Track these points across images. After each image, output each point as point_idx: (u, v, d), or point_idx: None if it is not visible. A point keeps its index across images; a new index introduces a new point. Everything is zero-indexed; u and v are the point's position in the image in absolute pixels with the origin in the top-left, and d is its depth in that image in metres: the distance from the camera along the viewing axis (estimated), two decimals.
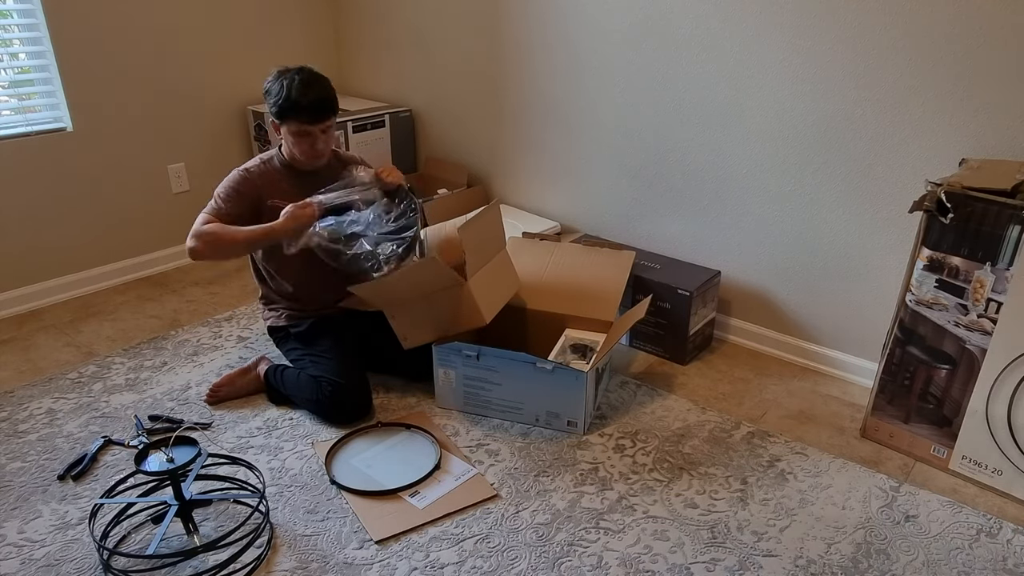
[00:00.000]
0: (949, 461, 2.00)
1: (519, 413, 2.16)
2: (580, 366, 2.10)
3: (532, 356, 2.09)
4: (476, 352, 2.13)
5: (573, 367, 2.04)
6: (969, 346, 1.88)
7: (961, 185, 1.78)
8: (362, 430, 2.12)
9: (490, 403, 2.19)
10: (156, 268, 3.19)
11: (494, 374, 2.14)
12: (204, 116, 3.22)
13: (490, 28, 2.97)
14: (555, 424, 2.13)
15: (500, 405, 2.17)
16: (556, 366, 2.06)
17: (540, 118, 2.95)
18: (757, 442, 2.12)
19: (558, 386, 2.08)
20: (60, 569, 1.65)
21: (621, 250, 2.53)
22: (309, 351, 2.20)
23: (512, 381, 2.12)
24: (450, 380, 2.21)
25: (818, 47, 2.19)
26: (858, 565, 1.69)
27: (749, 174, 2.46)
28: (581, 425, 2.11)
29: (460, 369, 2.18)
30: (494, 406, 2.18)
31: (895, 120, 2.12)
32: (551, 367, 2.06)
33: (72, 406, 2.23)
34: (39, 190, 2.78)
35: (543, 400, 2.11)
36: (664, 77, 2.54)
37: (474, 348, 2.13)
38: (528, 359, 2.08)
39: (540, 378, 2.08)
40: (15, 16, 2.66)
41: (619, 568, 1.67)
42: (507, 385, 2.14)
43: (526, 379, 2.10)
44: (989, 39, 1.91)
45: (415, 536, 1.76)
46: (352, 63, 3.57)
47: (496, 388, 2.15)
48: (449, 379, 2.21)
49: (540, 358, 2.08)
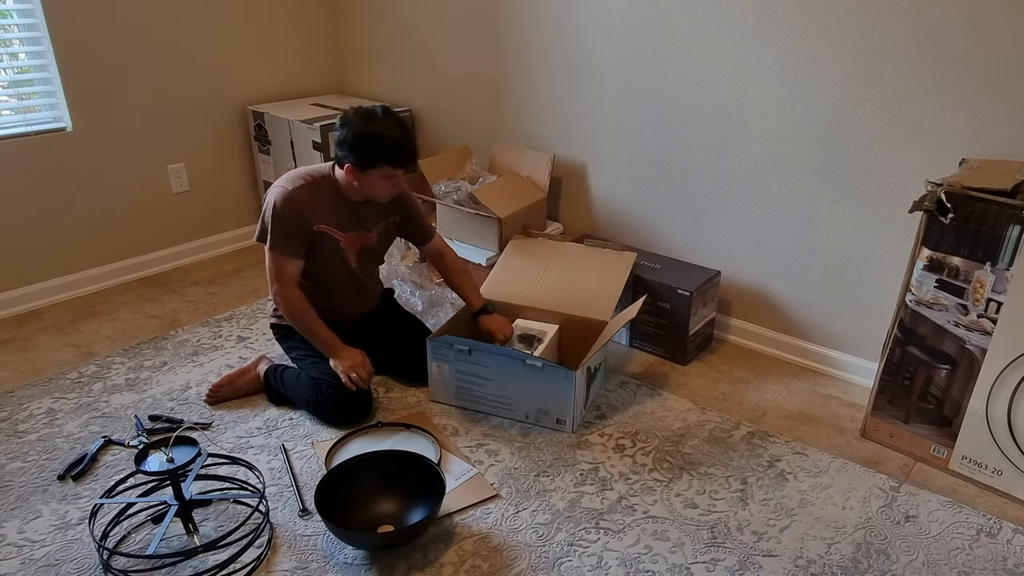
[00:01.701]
0: (949, 461, 2.00)
1: (509, 409, 2.17)
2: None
3: (522, 353, 2.10)
4: (468, 347, 2.14)
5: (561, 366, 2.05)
6: (969, 346, 1.88)
7: (961, 185, 1.78)
8: (362, 430, 2.12)
9: (482, 398, 2.20)
10: (156, 268, 3.19)
11: (485, 369, 2.15)
12: (204, 116, 3.22)
13: (490, 28, 2.97)
14: (544, 421, 2.14)
15: (491, 400, 2.18)
16: (545, 363, 2.06)
17: (540, 118, 2.95)
18: (757, 442, 2.12)
19: (547, 384, 2.09)
20: (60, 569, 1.65)
21: (623, 251, 2.53)
22: (311, 351, 2.20)
23: (502, 377, 2.13)
24: (443, 374, 2.22)
25: (818, 47, 2.19)
26: (858, 565, 1.69)
27: (749, 174, 2.46)
28: (570, 423, 2.12)
29: (453, 363, 2.19)
30: (486, 401, 2.19)
31: (895, 120, 2.12)
32: (540, 364, 2.07)
33: (72, 406, 2.23)
34: (39, 190, 2.78)
35: (533, 397, 2.12)
36: (664, 77, 2.54)
37: (466, 343, 2.14)
38: (518, 355, 2.09)
39: (529, 375, 2.09)
40: (15, 16, 2.65)
41: (619, 568, 1.67)
42: (497, 381, 2.14)
43: (516, 375, 2.11)
44: (989, 39, 1.91)
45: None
46: (352, 63, 3.57)
47: (487, 383, 2.16)
48: (443, 373, 2.22)
49: (529, 355, 2.09)
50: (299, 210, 2.06)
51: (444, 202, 2.85)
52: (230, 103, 3.29)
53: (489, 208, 2.67)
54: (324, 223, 2.12)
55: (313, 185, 2.11)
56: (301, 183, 2.09)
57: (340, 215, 2.15)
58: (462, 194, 2.83)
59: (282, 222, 2.06)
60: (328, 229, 2.13)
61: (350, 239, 2.19)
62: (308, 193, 2.09)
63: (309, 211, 2.08)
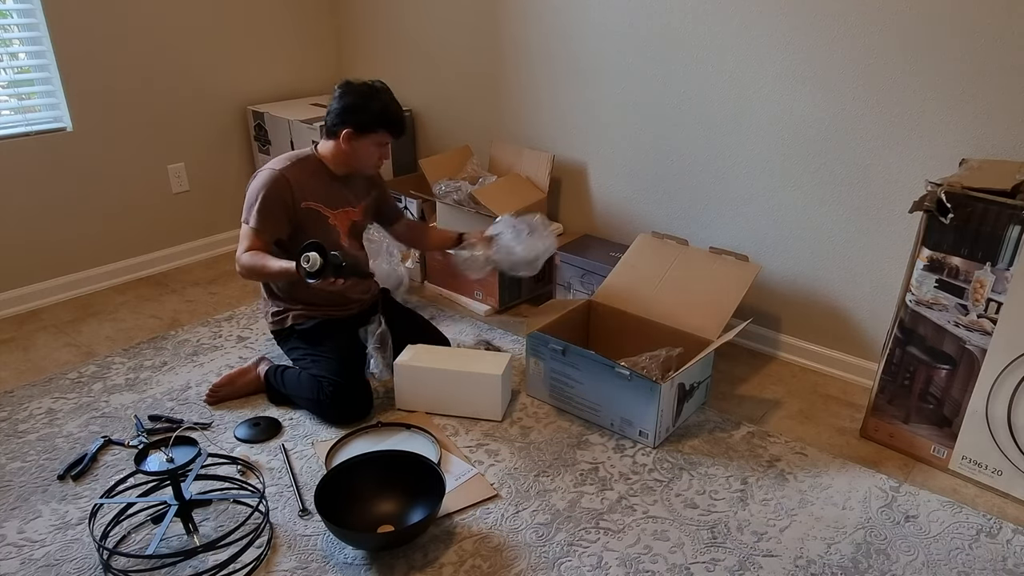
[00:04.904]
0: (949, 461, 2.00)
1: (596, 415, 2.15)
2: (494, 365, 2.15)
3: (611, 360, 2.05)
4: (563, 347, 2.13)
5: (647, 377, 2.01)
6: (969, 346, 1.88)
7: (961, 185, 1.78)
8: (362, 430, 2.12)
9: (572, 399, 2.19)
10: (156, 268, 3.19)
11: (577, 372, 2.14)
12: (204, 116, 3.21)
13: (490, 28, 2.97)
14: (628, 432, 2.10)
15: (581, 403, 2.17)
16: (633, 373, 2.01)
17: (540, 118, 2.95)
18: (757, 442, 2.12)
19: (633, 394, 2.04)
20: (60, 569, 1.65)
21: (746, 261, 2.38)
22: (311, 350, 2.20)
23: (592, 381, 2.11)
24: (540, 370, 2.23)
25: (818, 47, 2.19)
26: (858, 565, 1.69)
27: (749, 174, 2.46)
28: (652, 437, 2.07)
29: (548, 362, 2.19)
30: (576, 403, 2.18)
31: (895, 120, 2.12)
32: (628, 373, 2.03)
33: (72, 406, 2.23)
34: (39, 190, 2.78)
35: (619, 406, 2.09)
36: (664, 77, 2.54)
37: (560, 343, 2.13)
38: (607, 362, 2.05)
39: (617, 383, 2.06)
40: (15, 16, 2.65)
41: (619, 568, 1.67)
42: (588, 385, 2.13)
43: (605, 382, 2.08)
44: (989, 39, 1.91)
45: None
46: (351, 63, 3.57)
47: (578, 386, 2.15)
48: (539, 369, 2.23)
49: (618, 363, 2.04)
50: (287, 187, 2.12)
51: (444, 201, 2.86)
52: (230, 103, 3.29)
53: (489, 208, 2.67)
54: (312, 200, 2.17)
55: (300, 164, 2.18)
56: (288, 163, 2.16)
57: (327, 191, 2.20)
58: (462, 194, 2.83)
59: (266, 199, 2.10)
60: (317, 206, 2.17)
61: (339, 216, 2.24)
62: (296, 171, 2.15)
63: (298, 188, 2.14)
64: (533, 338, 2.21)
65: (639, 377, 2.01)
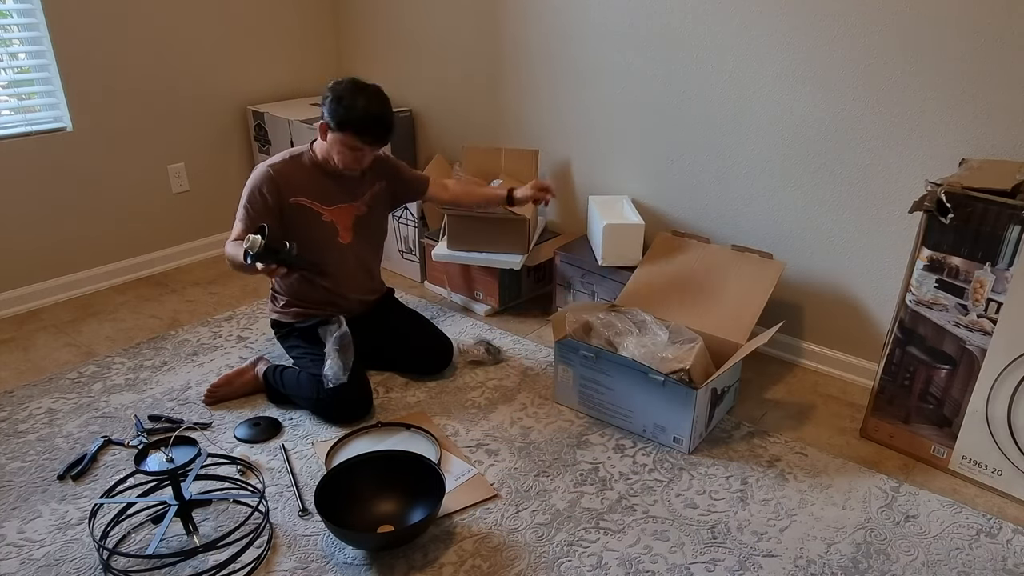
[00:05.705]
0: (949, 461, 2.00)
1: (629, 421, 2.13)
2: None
3: (645, 366, 2.03)
4: (594, 353, 2.11)
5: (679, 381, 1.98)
6: (969, 346, 1.88)
7: (961, 185, 1.78)
8: (362, 430, 2.12)
9: (603, 406, 2.17)
10: (156, 268, 3.19)
11: (608, 378, 2.12)
12: (204, 116, 3.22)
13: (489, 28, 2.97)
14: (661, 438, 2.09)
15: (612, 410, 2.15)
16: (667, 379, 2.00)
17: (539, 118, 2.95)
18: (757, 442, 2.12)
19: (668, 400, 2.03)
20: (60, 569, 1.65)
21: (771, 259, 2.37)
22: (312, 349, 2.20)
23: (624, 387, 2.10)
24: (568, 378, 2.21)
25: (818, 47, 2.19)
26: (858, 565, 1.69)
27: (748, 175, 2.46)
28: (687, 443, 2.05)
29: (578, 369, 2.17)
30: (607, 409, 2.16)
31: (895, 120, 2.12)
32: (662, 379, 2.01)
33: (72, 406, 2.23)
34: (39, 190, 2.78)
35: (652, 411, 2.07)
36: (664, 78, 2.54)
37: (592, 349, 2.12)
38: (641, 368, 2.03)
39: (651, 389, 2.04)
40: (15, 16, 2.65)
41: (619, 568, 1.67)
42: (620, 391, 2.11)
43: (638, 388, 2.07)
44: (989, 39, 1.91)
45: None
46: (351, 63, 3.57)
47: (609, 392, 2.14)
48: (568, 376, 2.21)
49: (652, 368, 2.02)
50: (273, 183, 2.13)
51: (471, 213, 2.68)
52: (230, 103, 3.29)
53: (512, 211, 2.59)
54: (301, 196, 2.17)
55: (291, 161, 2.19)
56: (278, 160, 2.18)
57: (321, 188, 2.20)
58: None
59: (252, 194, 2.13)
60: (306, 202, 2.17)
61: (337, 212, 2.23)
62: (286, 168, 2.16)
63: (285, 184, 2.14)
64: (562, 345, 2.18)
65: (674, 383, 1.99)
